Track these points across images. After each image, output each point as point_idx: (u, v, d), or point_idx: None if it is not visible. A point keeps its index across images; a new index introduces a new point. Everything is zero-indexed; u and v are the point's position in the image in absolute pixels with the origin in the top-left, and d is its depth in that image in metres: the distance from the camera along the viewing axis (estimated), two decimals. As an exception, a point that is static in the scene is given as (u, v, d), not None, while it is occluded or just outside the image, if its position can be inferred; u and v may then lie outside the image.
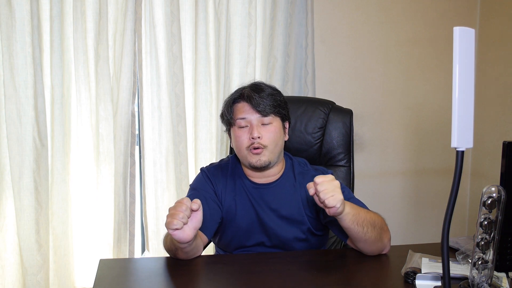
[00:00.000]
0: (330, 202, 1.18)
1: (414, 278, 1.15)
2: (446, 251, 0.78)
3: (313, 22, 2.31)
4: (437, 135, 2.62)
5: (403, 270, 1.22)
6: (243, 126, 1.44)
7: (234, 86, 2.14)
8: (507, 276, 1.15)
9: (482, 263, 1.04)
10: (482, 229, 1.03)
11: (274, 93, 1.47)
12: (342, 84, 2.49)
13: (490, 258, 1.04)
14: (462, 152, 0.76)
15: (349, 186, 1.76)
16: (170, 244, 1.30)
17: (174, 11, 2.12)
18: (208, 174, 1.51)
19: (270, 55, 2.29)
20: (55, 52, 2.01)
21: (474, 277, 1.05)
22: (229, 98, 1.51)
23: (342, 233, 1.36)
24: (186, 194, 1.52)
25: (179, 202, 1.19)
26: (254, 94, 1.43)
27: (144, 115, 2.19)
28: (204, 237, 1.40)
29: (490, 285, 1.05)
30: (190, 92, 2.24)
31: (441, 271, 0.91)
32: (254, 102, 1.42)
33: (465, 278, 1.12)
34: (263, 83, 1.50)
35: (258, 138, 1.41)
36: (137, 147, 2.24)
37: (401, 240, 2.43)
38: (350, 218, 1.26)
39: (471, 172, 2.70)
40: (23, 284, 2.04)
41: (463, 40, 0.75)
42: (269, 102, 1.43)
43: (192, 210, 1.19)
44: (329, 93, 2.38)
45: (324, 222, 1.46)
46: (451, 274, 1.07)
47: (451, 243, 1.41)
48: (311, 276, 1.25)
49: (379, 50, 2.53)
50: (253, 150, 1.41)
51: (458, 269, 1.21)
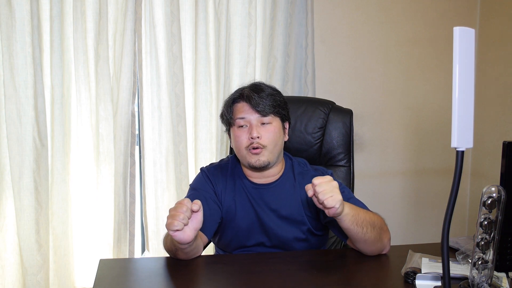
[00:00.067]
0: (329, 203, 1.18)
1: (414, 278, 1.15)
2: (446, 251, 0.78)
3: (313, 22, 2.31)
4: (437, 135, 2.62)
5: (403, 270, 1.22)
6: (243, 126, 1.44)
7: (234, 86, 2.14)
8: (507, 276, 1.15)
9: (482, 263, 1.04)
10: (482, 229, 1.03)
11: (274, 93, 1.47)
12: (342, 84, 2.49)
13: (490, 258, 1.04)
14: (462, 152, 0.76)
15: (349, 186, 1.76)
16: (170, 244, 1.30)
17: (174, 11, 2.12)
18: (208, 174, 1.51)
19: (270, 55, 2.29)
20: (55, 52, 2.01)
21: (474, 277, 1.05)
22: (229, 98, 1.51)
23: (342, 233, 1.36)
24: (186, 194, 1.52)
25: (180, 203, 1.18)
26: (253, 94, 1.43)
27: (144, 115, 2.19)
28: (204, 237, 1.40)
29: (490, 285, 1.05)
30: (190, 92, 2.24)
31: (441, 271, 0.91)
32: (254, 102, 1.42)
33: (465, 278, 1.12)
34: (263, 83, 1.50)
35: (258, 138, 1.41)
36: (137, 147, 2.24)
37: (401, 240, 2.43)
38: (349, 218, 1.26)
39: (471, 172, 2.70)
40: (23, 284, 2.05)
41: (463, 40, 0.75)
42: (268, 102, 1.43)
43: (192, 211, 1.19)
44: (329, 93, 2.38)
45: (324, 222, 1.46)
46: (451, 274, 1.07)
47: (451, 243, 1.41)
48: (311, 276, 1.25)
49: (379, 50, 2.53)
50: (252, 150, 1.41)
51: (458, 269, 1.21)
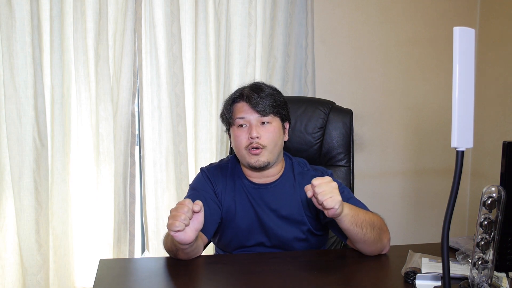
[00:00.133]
0: (328, 203, 1.18)
1: (414, 278, 1.15)
2: (446, 251, 0.78)
3: (313, 22, 2.31)
4: (437, 135, 2.62)
5: (403, 270, 1.22)
6: (242, 125, 1.44)
7: (234, 86, 2.14)
8: (507, 276, 1.15)
9: (482, 263, 1.04)
10: (482, 229, 1.03)
11: (274, 93, 1.47)
12: (342, 84, 2.49)
13: (490, 258, 1.04)
14: (462, 152, 0.76)
15: (349, 186, 1.76)
16: (171, 244, 1.30)
17: (174, 11, 2.12)
18: (208, 174, 1.51)
19: (270, 55, 2.29)
20: (55, 52, 2.01)
21: (474, 277, 1.05)
22: (229, 97, 1.51)
23: (342, 233, 1.35)
24: (186, 194, 1.52)
25: (181, 204, 1.18)
26: (253, 94, 1.43)
27: (144, 115, 2.19)
28: (204, 237, 1.40)
29: (490, 285, 1.05)
30: (190, 92, 2.24)
31: (441, 271, 0.91)
32: (253, 102, 1.42)
33: (465, 278, 1.12)
34: (263, 83, 1.50)
35: (257, 138, 1.41)
36: (137, 147, 2.24)
37: (401, 240, 2.43)
38: (349, 219, 1.26)
39: (471, 172, 2.70)
40: (23, 284, 2.05)
41: (463, 40, 0.75)
42: (268, 102, 1.43)
43: (193, 212, 1.19)
44: (329, 93, 2.38)
45: (323, 222, 1.46)
46: (451, 274, 1.07)
47: (451, 243, 1.41)
48: (311, 276, 1.25)
49: (379, 50, 2.53)
50: (252, 150, 1.41)
51: (458, 269, 1.21)
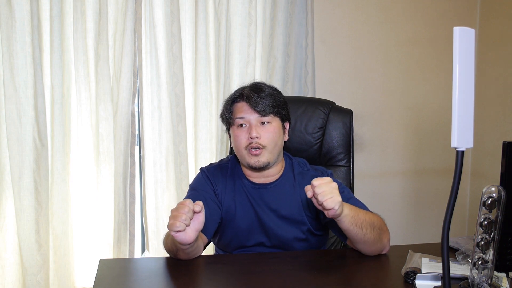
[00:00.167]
0: (328, 204, 1.18)
1: (414, 278, 1.15)
2: (446, 251, 0.78)
3: (313, 22, 2.31)
4: (437, 135, 2.62)
5: (403, 270, 1.22)
6: (242, 125, 1.44)
7: (234, 86, 2.14)
8: (507, 276, 1.15)
9: (482, 263, 1.04)
10: (482, 229, 1.03)
11: (274, 93, 1.47)
12: (342, 84, 2.49)
13: (490, 258, 1.04)
14: (462, 152, 0.76)
15: (349, 186, 1.76)
16: (171, 245, 1.30)
17: (174, 11, 2.12)
18: (207, 174, 1.51)
19: (270, 55, 2.29)
20: (55, 52, 2.01)
21: (474, 277, 1.05)
22: (229, 97, 1.51)
23: (342, 233, 1.35)
24: (186, 194, 1.52)
25: (181, 204, 1.18)
26: (253, 94, 1.43)
27: (144, 115, 2.19)
28: (204, 237, 1.40)
29: (490, 285, 1.05)
30: (190, 92, 2.24)
31: (441, 271, 0.91)
32: (253, 102, 1.42)
33: (465, 278, 1.12)
34: (264, 83, 1.50)
35: (257, 138, 1.41)
36: (137, 147, 2.24)
37: (401, 240, 2.43)
38: (349, 219, 1.26)
39: (471, 172, 2.70)
40: (23, 284, 2.05)
41: (463, 40, 0.75)
42: (268, 102, 1.42)
43: (194, 212, 1.19)
44: (329, 93, 2.38)
45: (323, 222, 1.46)
46: (451, 274, 1.07)
47: (451, 243, 1.41)
48: (311, 276, 1.25)
49: (379, 50, 2.53)
50: (251, 150, 1.41)
51: (458, 269, 1.21)
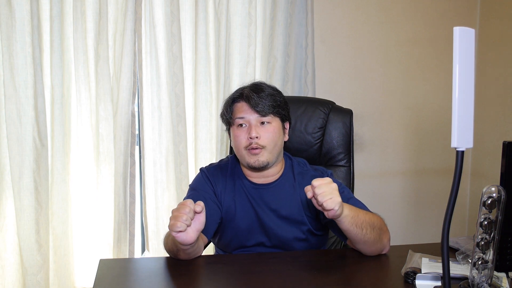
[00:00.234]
0: (328, 205, 1.18)
1: (414, 278, 1.15)
2: (446, 251, 0.78)
3: (313, 22, 2.31)
4: (437, 135, 2.62)
5: (403, 270, 1.22)
6: (242, 125, 1.44)
7: (234, 86, 2.14)
8: (507, 276, 1.15)
9: (482, 263, 1.04)
10: (482, 229, 1.03)
11: (274, 93, 1.47)
12: (342, 84, 2.49)
13: (490, 258, 1.04)
14: (462, 152, 0.76)
15: (349, 186, 1.76)
16: (172, 245, 1.30)
17: (174, 11, 2.12)
18: (207, 174, 1.51)
19: (270, 55, 2.29)
20: (55, 52, 2.01)
21: (474, 277, 1.05)
22: (229, 97, 1.51)
23: (342, 233, 1.35)
24: (186, 194, 1.52)
25: (183, 204, 1.18)
26: (253, 94, 1.43)
27: (144, 115, 2.19)
28: (204, 237, 1.40)
29: (490, 285, 1.05)
30: (190, 92, 2.24)
31: (441, 271, 0.91)
32: (253, 102, 1.42)
33: (465, 278, 1.12)
34: (264, 83, 1.50)
35: (256, 138, 1.41)
36: (137, 147, 2.24)
37: (401, 240, 2.43)
38: (349, 220, 1.26)
39: (471, 172, 2.70)
40: (23, 284, 2.05)
41: (463, 40, 0.75)
42: (268, 103, 1.42)
43: (195, 212, 1.19)
44: (329, 93, 2.38)
45: (323, 222, 1.46)
46: (451, 274, 1.07)
47: (451, 243, 1.41)
48: (311, 276, 1.25)
49: (379, 50, 2.53)
50: (251, 150, 1.41)
51: (458, 269, 1.21)
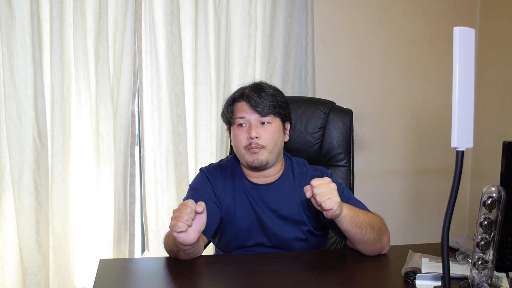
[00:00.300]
0: (326, 204, 1.18)
1: (414, 278, 1.15)
2: (446, 251, 0.77)
3: (313, 22, 2.31)
4: (437, 135, 2.62)
5: (403, 270, 1.22)
6: (242, 124, 1.44)
7: (234, 86, 2.14)
8: (507, 276, 1.15)
9: (482, 263, 1.04)
10: (482, 229, 1.03)
11: (275, 93, 1.47)
12: (342, 84, 2.49)
13: (490, 258, 1.04)
14: (462, 152, 0.76)
15: (349, 186, 1.76)
16: (172, 245, 1.30)
17: (174, 11, 2.12)
18: (207, 174, 1.51)
19: (270, 55, 2.29)
20: (55, 52, 2.01)
21: (474, 277, 1.05)
22: (230, 97, 1.51)
23: (342, 234, 1.35)
24: (186, 194, 1.52)
25: (184, 205, 1.18)
26: (253, 94, 1.42)
27: (144, 115, 2.19)
28: (204, 237, 1.40)
29: (490, 285, 1.05)
30: (190, 92, 2.24)
31: (441, 271, 0.91)
32: (253, 102, 1.42)
33: (465, 278, 1.12)
34: (265, 83, 1.50)
35: (256, 138, 1.41)
36: (137, 147, 2.24)
37: (401, 240, 2.43)
38: (348, 220, 1.26)
39: (471, 172, 2.70)
40: (23, 284, 2.05)
41: (463, 40, 0.75)
42: (268, 103, 1.42)
43: (196, 213, 1.19)
44: (329, 93, 2.38)
45: (323, 222, 1.46)
46: (451, 274, 1.07)
47: (451, 243, 1.41)
48: (311, 276, 1.25)
49: (379, 50, 2.53)
50: (251, 149, 1.41)
51: (458, 269, 1.21)
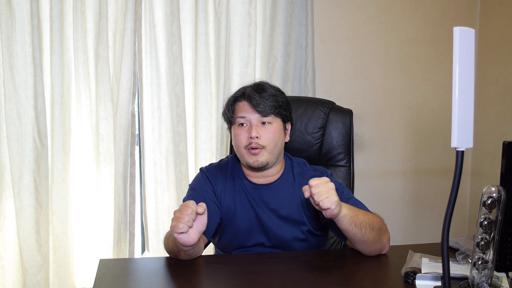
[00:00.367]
0: (324, 204, 1.18)
1: (414, 278, 1.15)
2: (446, 251, 0.78)
3: (313, 22, 2.31)
4: (437, 135, 2.62)
5: (403, 270, 1.22)
6: (243, 124, 1.44)
7: (234, 86, 2.15)
8: (507, 276, 1.15)
9: (482, 263, 1.04)
10: (482, 229, 1.03)
11: (276, 93, 1.46)
12: (342, 84, 2.49)
13: (490, 258, 1.04)
14: (462, 152, 0.76)
15: (349, 186, 1.76)
16: (172, 245, 1.30)
17: (174, 11, 2.12)
18: (207, 174, 1.51)
19: (270, 55, 2.29)
20: (55, 52, 2.01)
21: (474, 277, 1.05)
22: (231, 96, 1.50)
23: (342, 233, 1.35)
24: (186, 194, 1.52)
25: (185, 206, 1.18)
26: (254, 94, 1.42)
27: (144, 115, 2.19)
28: (204, 237, 1.40)
29: (490, 285, 1.05)
30: (190, 92, 2.24)
31: (441, 271, 0.91)
32: (254, 102, 1.42)
33: (465, 278, 1.12)
34: (267, 83, 1.49)
35: (256, 138, 1.40)
36: (137, 147, 2.24)
37: (401, 240, 2.43)
38: (347, 220, 1.26)
39: (471, 172, 2.70)
40: (23, 284, 2.05)
41: (463, 40, 0.75)
42: (269, 103, 1.42)
43: (197, 214, 1.19)
44: (329, 93, 2.38)
45: (323, 222, 1.46)
46: (451, 274, 1.07)
47: (451, 243, 1.41)
48: (311, 276, 1.25)
49: (379, 50, 2.53)
50: (251, 150, 1.41)
51: (458, 269, 1.21)
